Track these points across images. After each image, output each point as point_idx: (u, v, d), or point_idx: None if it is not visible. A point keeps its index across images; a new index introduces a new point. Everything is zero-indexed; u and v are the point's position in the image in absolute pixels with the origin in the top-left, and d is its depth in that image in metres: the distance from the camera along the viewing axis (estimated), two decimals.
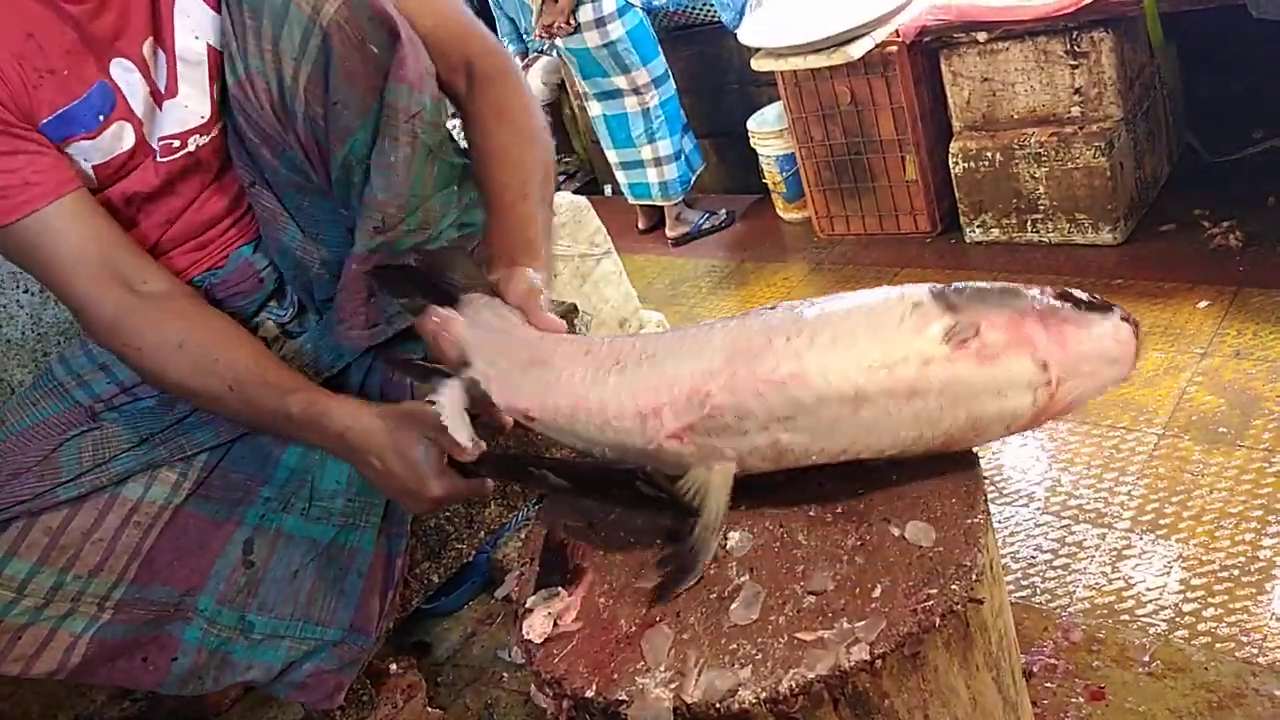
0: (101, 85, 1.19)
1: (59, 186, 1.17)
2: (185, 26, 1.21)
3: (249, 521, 1.37)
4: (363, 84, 1.18)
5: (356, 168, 1.23)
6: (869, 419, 0.96)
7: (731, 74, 3.88)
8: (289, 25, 1.17)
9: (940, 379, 0.94)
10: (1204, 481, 1.84)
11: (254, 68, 1.20)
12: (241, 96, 1.22)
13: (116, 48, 1.19)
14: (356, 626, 1.39)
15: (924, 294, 0.98)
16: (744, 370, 0.99)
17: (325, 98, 1.19)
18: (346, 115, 1.20)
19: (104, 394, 1.36)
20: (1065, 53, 2.57)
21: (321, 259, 1.35)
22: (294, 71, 1.19)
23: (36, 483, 1.28)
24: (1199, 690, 1.43)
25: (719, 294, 3.28)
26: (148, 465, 1.33)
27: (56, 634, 1.29)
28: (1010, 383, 0.96)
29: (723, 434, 1.01)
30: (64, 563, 1.29)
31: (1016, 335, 0.95)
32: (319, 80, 1.19)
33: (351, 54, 1.17)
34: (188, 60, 1.22)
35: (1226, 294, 2.35)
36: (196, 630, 1.36)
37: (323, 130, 1.21)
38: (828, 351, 0.97)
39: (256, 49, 1.19)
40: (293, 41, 1.18)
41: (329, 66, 1.17)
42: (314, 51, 1.17)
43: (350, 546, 1.38)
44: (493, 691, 1.76)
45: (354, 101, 1.19)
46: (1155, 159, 2.85)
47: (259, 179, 1.30)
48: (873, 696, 0.88)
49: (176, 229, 1.32)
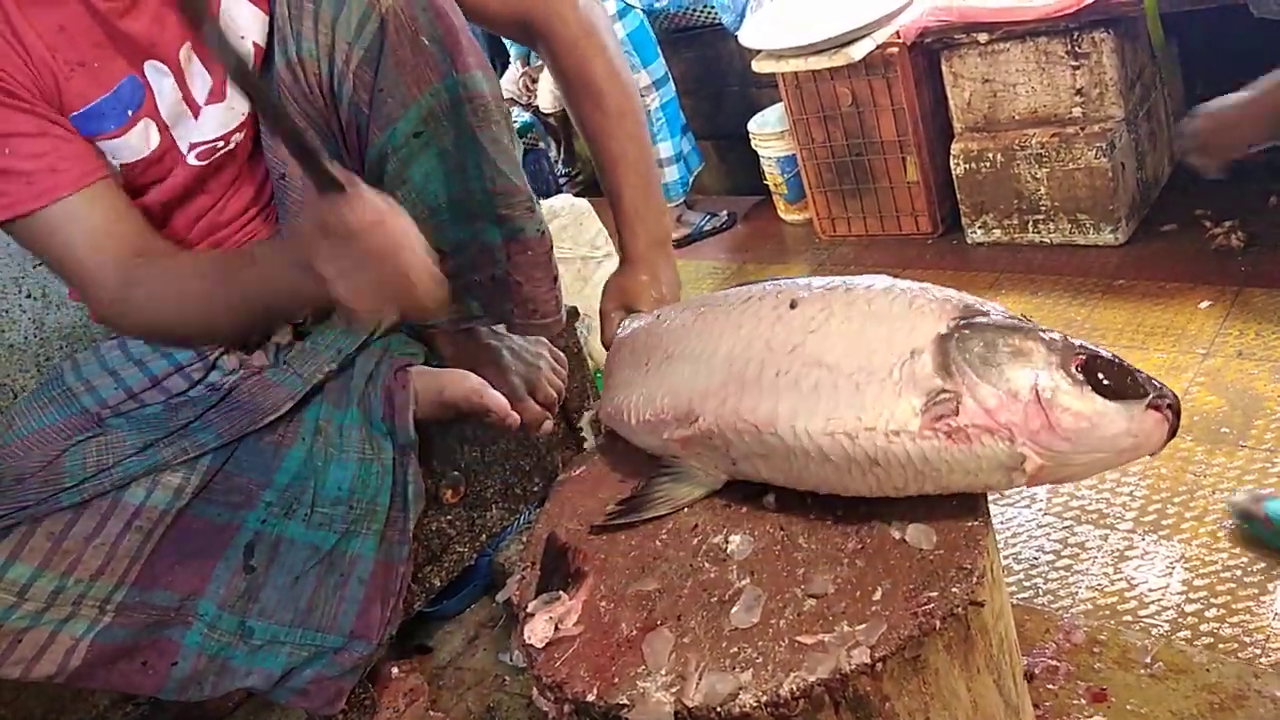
0: (132, 80, 1.20)
1: (85, 175, 1.18)
2: (232, 30, 1.22)
3: (250, 526, 1.37)
4: (410, 75, 1.20)
5: (391, 157, 1.25)
6: (833, 474, 0.97)
7: (732, 76, 3.87)
8: (348, 7, 1.19)
9: (905, 453, 0.92)
10: (1206, 482, 1.83)
11: (306, 50, 1.22)
12: (290, 80, 1.23)
13: (153, 50, 1.20)
14: (358, 633, 1.39)
15: (928, 338, 0.94)
16: (731, 401, 1.01)
17: (373, 83, 1.21)
18: (390, 104, 1.21)
19: (111, 400, 1.37)
20: (1066, 53, 2.57)
21: None
22: (346, 54, 1.20)
23: (40, 488, 1.28)
24: (1201, 692, 1.43)
25: None
26: (151, 469, 1.33)
27: (57, 637, 1.30)
28: (981, 465, 0.92)
29: (713, 453, 1.06)
30: (65, 567, 1.29)
31: (995, 422, 0.90)
32: (369, 65, 1.20)
33: (404, 44, 1.19)
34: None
35: (1228, 294, 2.35)
36: (196, 635, 1.36)
37: (365, 116, 1.23)
38: (805, 400, 0.96)
39: (312, 30, 1.21)
40: (349, 24, 1.19)
41: (381, 53, 1.19)
42: (369, 37, 1.19)
43: (352, 553, 1.38)
44: (495, 695, 1.76)
45: (400, 91, 1.21)
46: (1157, 159, 2.85)
47: (290, 169, 1.31)
48: (873, 699, 0.88)
49: (201, 226, 1.34)
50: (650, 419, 1.11)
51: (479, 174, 1.28)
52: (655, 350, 1.15)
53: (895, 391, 0.92)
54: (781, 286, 1.09)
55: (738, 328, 1.06)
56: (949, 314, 0.96)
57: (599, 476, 1.25)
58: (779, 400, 0.98)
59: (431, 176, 1.26)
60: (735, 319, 1.07)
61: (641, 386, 1.14)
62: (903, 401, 0.92)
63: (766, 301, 1.07)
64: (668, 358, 1.12)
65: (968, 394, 0.90)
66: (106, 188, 1.20)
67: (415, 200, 1.28)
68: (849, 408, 0.94)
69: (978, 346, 0.92)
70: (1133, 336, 2.32)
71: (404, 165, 1.25)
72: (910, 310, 0.98)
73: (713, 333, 1.08)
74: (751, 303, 1.08)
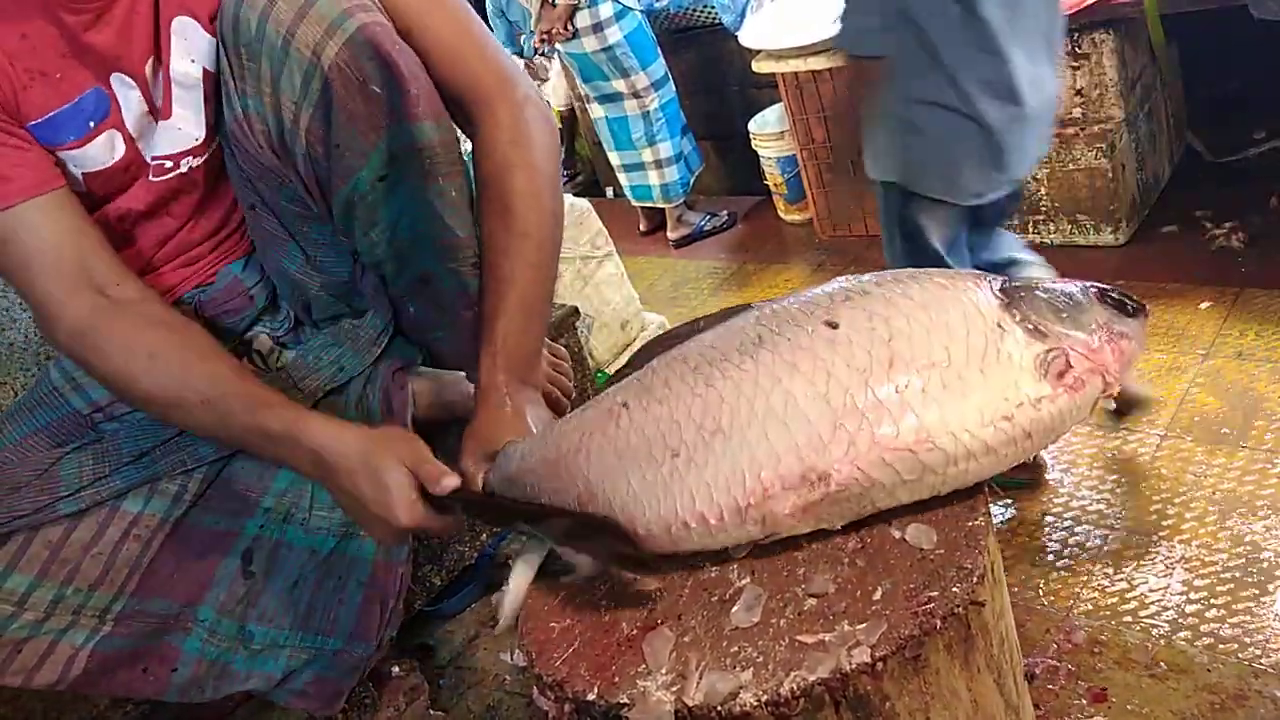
0: (97, 91, 1.19)
1: (39, 184, 1.16)
2: (181, 49, 1.20)
3: (248, 532, 1.37)
4: (364, 124, 1.18)
5: (359, 204, 1.23)
6: (988, 465, 0.96)
7: (732, 76, 3.88)
8: (289, 67, 1.15)
9: (1050, 416, 0.96)
10: (1207, 483, 1.84)
11: (252, 108, 1.19)
12: (239, 133, 1.22)
13: (119, 63, 1.19)
14: (357, 635, 1.39)
15: (994, 305, 0.98)
16: (863, 438, 0.92)
17: (327, 139, 1.18)
18: (349, 156, 1.19)
19: (101, 400, 1.36)
20: (1066, 54, 2.57)
21: (321, 283, 1.35)
22: (294, 114, 1.18)
23: (37, 496, 1.28)
24: (1201, 692, 1.43)
25: (721, 295, 3.28)
26: (147, 479, 1.33)
27: (57, 646, 1.29)
28: (1084, 409, 0.98)
29: (840, 506, 0.96)
30: (64, 576, 1.29)
31: (1097, 361, 0.97)
32: (320, 123, 1.18)
33: (354, 96, 1.16)
34: (182, 84, 1.22)
35: (1229, 295, 2.35)
36: (196, 641, 1.36)
37: (325, 169, 1.21)
38: (943, 403, 0.92)
39: (255, 89, 1.18)
40: (293, 84, 1.16)
41: (330, 109, 1.16)
42: (315, 94, 1.16)
43: (350, 556, 1.38)
44: (495, 694, 1.76)
45: (356, 143, 1.18)
46: (1157, 160, 2.85)
47: (259, 203, 1.30)
48: (874, 699, 0.88)
49: (169, 247, 1.32)
50: (721, 512, 0.95)
51: (432, 223, 1.26)
52: (659, 442, 0.98)
53: (1011, 365, 0.95)
54: (775, 313, 1.02)
55: (793, 368, 0.96)
56: (986, 286, 1.00)
57: None
58: (918, 412, 0.92)
59: (403, 211, 1.25)
60: (783, 361, 0.96)
61: (677, 485, 0.96)
62: (1024, 372, 0.95)
63: (800, 333, 0.98)
64: (710, 434, 0.95)
65: (1069, 347, 0.96)
66: (62, 200, 1.17)
67: (390, 238, 1.27)
68: (988, 395, 0.94)
69: (1044, 306, 0.98)
70: None
71: (374, 209, 1.24)
72: (952, 293, 1.00)
73: (763, 388, 0.96)
74: (777, 340, 0.98)
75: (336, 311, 1.39)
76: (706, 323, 1.29)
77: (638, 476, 0.98)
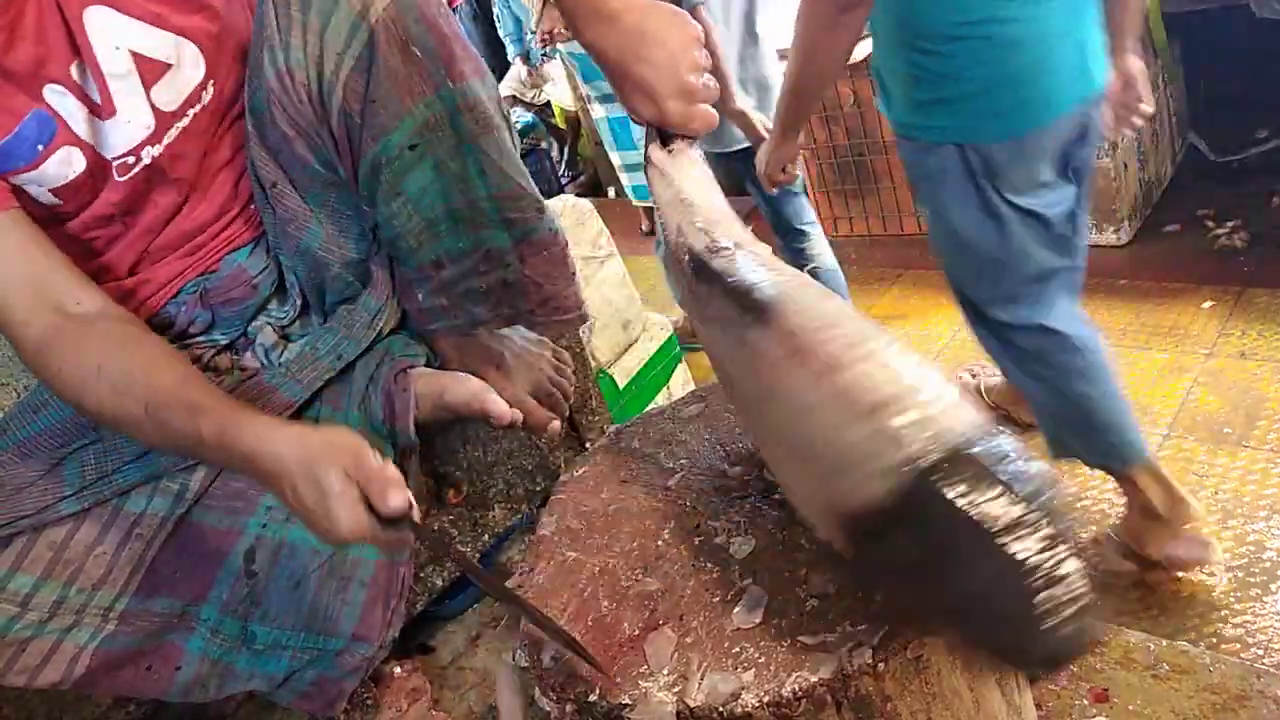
0: (37, 114, 1.17)
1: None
2: (101, 40, 1.19)
3: (250, 531, 1.37)
4: (403, 87, 1.19)
5: (385, 168, 1.24)
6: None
7: None
8: (336, 18, 1.17)
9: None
10: (1209, 482, 1.83)
11: (295, 61, 1.20)
12: (279, 89, 1.22)
13: (43, 75, 1.17)
14: (359, 635, 1.39)
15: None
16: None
17: (364, 95, 1.19)
18: (383, 115, 1.20)
19: None
20: None
21: (343, 259, 1.35)
22: (335, 65, 1.19)
23: (40, 497, 1.28)
24: (1203, 692, 1.43)
25: None
26: (149, 477, 1.33)
27: (61, 646, 1.29)
28: None
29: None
30: (68, 576, 1.29)
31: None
32: (360, 77, 1.19)
33: (395, 55, 1.17)
34: (115, 75, 1.20)
35: (1231, 294, 2.35)
36: (199, 640, 1.36)
37: (358, 126, 1.21)
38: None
39: (300, 41, 1.19)
40: (339, 35, 1.17)
41: (372, 64, 1.17)
42: (358, 47, 1.17)
43: (353, 556, 1.38)
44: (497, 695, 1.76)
45: (392, 102, 1.19)
46: (1159, 159, 2.85)
47: (282, 179, 1.30)
48: (876, 700, 0.88)
49: (164, 237, 1.32)
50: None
51: (483, 181, 1.27)
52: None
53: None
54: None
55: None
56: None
57: (601, 476, 1.26)
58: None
59: (428, 189, 1.26)
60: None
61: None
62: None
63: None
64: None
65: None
66: (14, 222, 1.16)
67: (411, 212, 1.27)
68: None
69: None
70: (1135, 337, 2.32)
71: (399, 178, 1.24)
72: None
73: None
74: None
75: (352, 293, 1.39)
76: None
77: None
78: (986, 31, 1.45)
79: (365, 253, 1.36)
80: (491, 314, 1.39)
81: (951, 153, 1.55)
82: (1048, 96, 1.50)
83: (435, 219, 1.28)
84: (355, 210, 1.32)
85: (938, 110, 1.54)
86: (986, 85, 1.48)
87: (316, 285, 1.38)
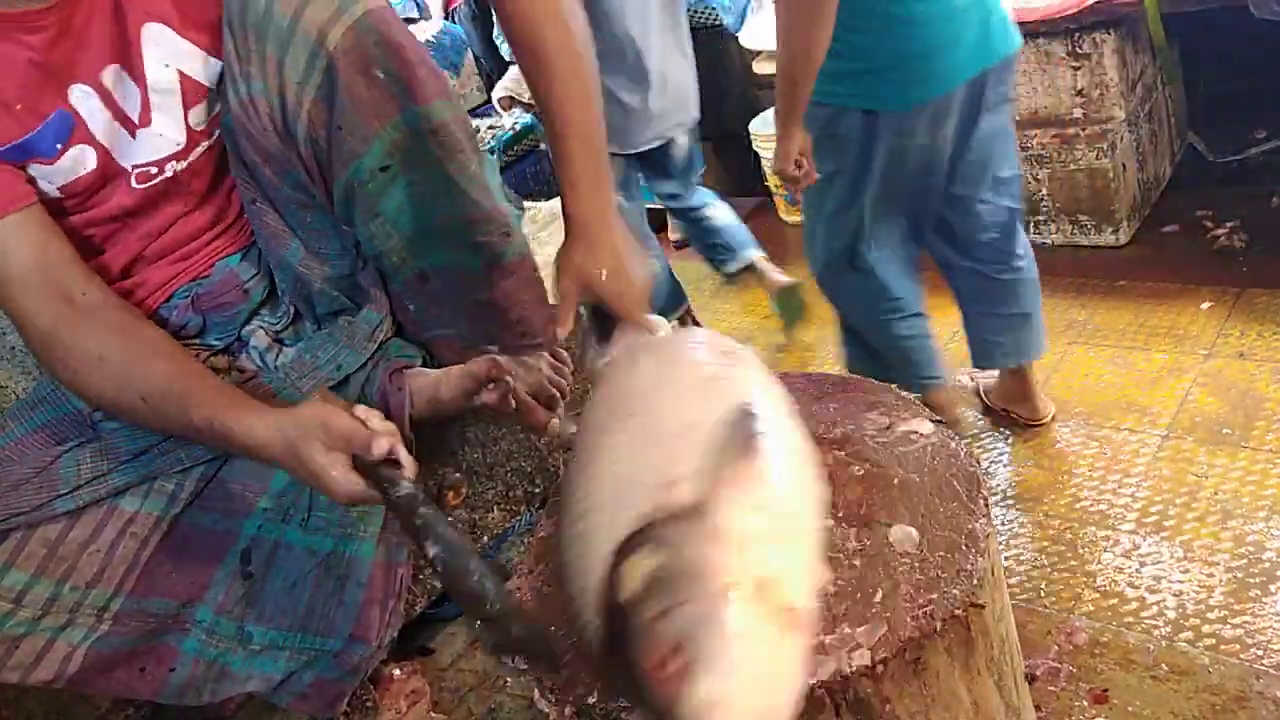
0: (60, 114, 1.18)
1: (10, 202, 1.15)
2: (155, 55, 1.20)
3: (247, 532, 1.37)
4: (368, 110, 1.19)
5: (359, 191, 1.24)
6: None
7: (733, 77, 3.87)
8: (294, 49, 1.17)
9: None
10: (1208, 484, 1.83)
11: (256, 90, 1.20)
12: (244, 117, 1.22)
13: (75, 73, 1.17)
14: (357, 636, 1.39)
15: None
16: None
17: (329, 122, 1.19)
18: (351, 141, 1.20)
19: None
20: (1067, 54, 2.57)
21: (324, 275, 1.35)
22: (298, 95, 1.19)
23: (35, 494, 1.28)
24: (1203, 693, 1.43)
25: (722, 296, 3.28)
26: (145, 477, 1.33)
27: (54, 644, 1.29)
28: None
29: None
30: (61, 574, 1.29)
31: None
32: (323, 105, 1.19)
33: (357, 80, 1.17)
34: (159, 89, 1.21)
35: (1230, 295, 2.34)
36: (194, 641, 1.36)
37: (325, 152, 1.22)
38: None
39: (260, 72, 1.19)
40: (297, 66, 1.18)
41: (334, 92, 1.18)
42: (319, 76, 1.17)
43: (349, 556, 1.38)
44: (496, 697, 1.76)
45: (358, 127, 1.19)
46: (1158, 160, 2.85)
47: (260, 196, 1.30)
48: (874, 702, 0.88)
49: (160, 243, 1.32)
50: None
51: (450, 203, 1.27)
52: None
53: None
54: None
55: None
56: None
57: None
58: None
59: (403, 208, 1.26)
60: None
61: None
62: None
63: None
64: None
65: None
66: (32, 216, 1.17)
67: (390, 231, 1.28)
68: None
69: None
70: (1134, 337, 2.32)
71: (374, 200, 1.25)
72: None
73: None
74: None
75: (339, 306, 1.39)
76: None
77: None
78: (906, 13, 1.67)
79: (349, 268, 1.36)
80: (473, 334, 1.40)
81: (859, 116, 1.78)
82: (949, 68, 1.73)
83: (414, 236, 1.28)
84: (333, 229, 1.32)
85: (850, 80, 1.75)
86: (897, 60, 1.71)
87: (304, 296, 1.39)
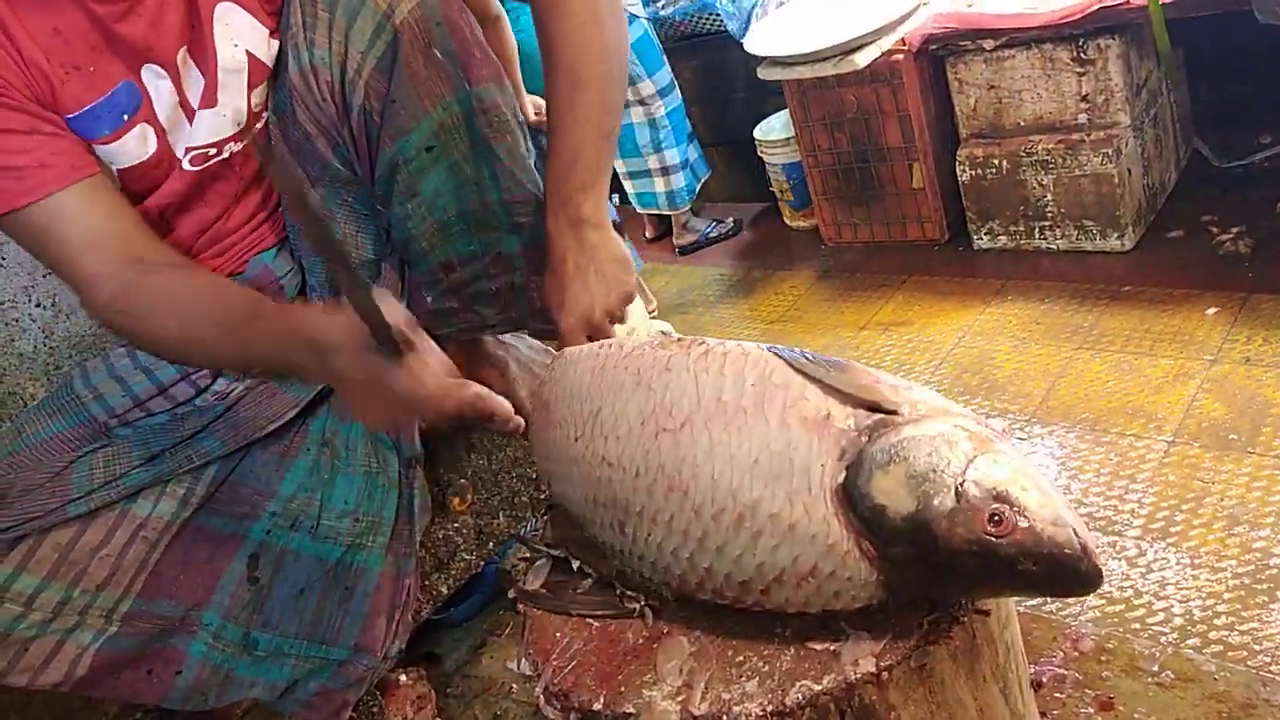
0: (128, 85, 1.20)
1: (75, 170, 1.17)
2: (225, 35, 1.22)
3: (255, 537, 1.38)
4: (423, 88, 1.20)
5: (402, 169, 1.25)
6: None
7: (738, 83, 3.88)
8: (362, 18, 1.19)
9: None
10: (1214, 489, 1.83)
11: (319, 58, 1.22)
12: (303, 87, 1.23)
13: (150, 54, 1.20)
14: (362, 646, 1.39)
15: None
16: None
17: (385, 93, 1.21)
18: (402, 115, 1.21)
19: (118, 408, 1.37)
20: (1072, 60, 2.57)
21: (360, 258, 1.36)
22: (359, 64, 1.20)
23: (47, 499, 1.29)
24: (1209, 700, 1.42)
25: (726, 302, 3.28)
26: (157, 480, 1.34)
27: (63, 647, 1.30)
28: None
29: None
30: (72, 577, 1.30)
31: None
32: (382, 76, 1.20)
33: (417, 56, 1.19)
34: (228, 69, 1.23)
35: (1236, 300, 2.34)
36: (201, 645, 1.36)
37: (376, 126, 1.23)
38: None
39: (325, 39, 1.21)
40: (363, 34, 1.19)
41: (394, 64, 1.19)
42: (381, 47, 1.19)
43: (357, 566, 1.39)
44: (502, 703, 1.76)
45: (412, 103, 1.21)
46: (1163, 165, 2.85)
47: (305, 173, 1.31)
48: (879, 709, 0.88)
49: (205, 238, 1.34)
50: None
51: (495, 184, 1.28)
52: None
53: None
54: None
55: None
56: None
57: None
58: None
59: (442, 190, 1.26)
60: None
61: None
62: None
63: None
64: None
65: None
66: (99, 184, 1.19)
67: (425, 213, 1.28)
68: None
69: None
70: (1140, 343, 2.32)
71: (415, 179, 1.25)
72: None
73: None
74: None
75: None
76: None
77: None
78: None
79: (380, 253, 1.37)
80: (499, 317, 1.40)
81: None
82: None
83: (448, 220, 1.29)
84: (372, 210, 1.33)
85: None
86: None
87: (336, 289, 1.39)
